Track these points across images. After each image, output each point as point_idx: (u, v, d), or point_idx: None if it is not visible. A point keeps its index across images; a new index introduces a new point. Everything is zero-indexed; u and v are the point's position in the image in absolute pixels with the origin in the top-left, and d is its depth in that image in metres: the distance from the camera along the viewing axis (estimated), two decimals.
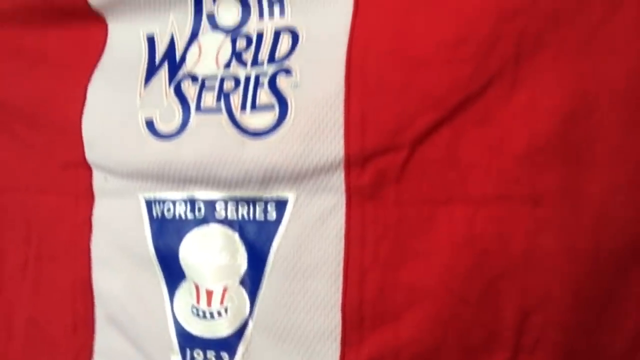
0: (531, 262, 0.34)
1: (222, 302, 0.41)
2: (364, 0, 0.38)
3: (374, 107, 0.37)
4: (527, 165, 0.34)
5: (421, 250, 0.36)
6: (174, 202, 0.44)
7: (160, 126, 0.44)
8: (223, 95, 0.42)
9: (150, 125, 0.44)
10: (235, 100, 0.41)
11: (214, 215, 0.42)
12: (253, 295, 0.41)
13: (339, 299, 0.38)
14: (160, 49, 0.45)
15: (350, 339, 0.38)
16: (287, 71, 0.40)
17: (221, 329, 0.41)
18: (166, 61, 0.45)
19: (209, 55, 0.44)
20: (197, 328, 0.42)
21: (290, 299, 0.39)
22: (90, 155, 0.47)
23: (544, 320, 0.34)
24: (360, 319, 0.37)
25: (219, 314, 0.42)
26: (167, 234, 0.44)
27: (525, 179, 0.34)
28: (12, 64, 0.51)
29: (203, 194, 0.43)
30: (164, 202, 0.44)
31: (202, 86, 0.43)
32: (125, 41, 0.47)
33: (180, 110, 0.43)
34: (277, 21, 0.42)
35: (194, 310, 0.42)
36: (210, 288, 0.42)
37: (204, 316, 0.42)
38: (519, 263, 0.34)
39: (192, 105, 0.43)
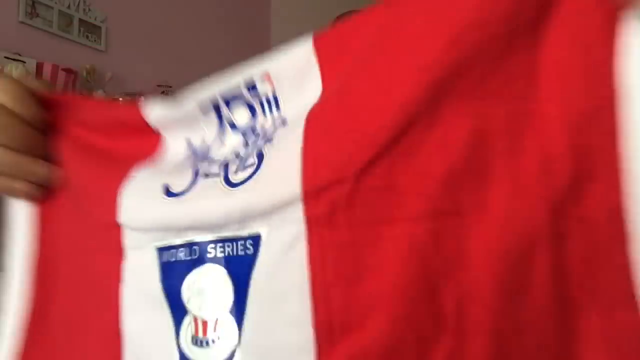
0: (463, 260, 0.40)
1: (215, 331, 0.48)
2: (329, 84, 0.49)
3: (324, 151, 0.45)
4: (447, 185, 0.41)
5: (375, 264, 0.42)
6: (176, 248, 0.52)
7: (172, 188, 0.53)
8: (224, 164, 0.52)
9: (165, 188, 0.53)
10: (233, 167, 0.52)
11: (206, 256, 0.50)
12: (239, 322, 0.47)
13: (310, 316, 0.44)
14: (195, 145, 0.57)
15: (324, 349, 0.43)
16: (270, 140, 0.51)
17: (216, 355, 0.47)
18: (196, 152, 0.56)
19: (227, 145, 0.55)
20: (197, 355, 0.48)
21: (269, 322, 0.45)
22: (121, 217, 0.56)
23: (476, 304, 0.39)
24: (330, 330, 0.43)
25: (213, 341, 0.48)
26: (172, 276, 0.52)
27: (447, 197, 0.40)
28: (81, 155, 0.61)
29: (198, 238, 0.51)
30: (169, 248, 0.52)
31: (212, 161, 0.54)
32: (174, 147, 0.58)
33: (192, 177, 0.53)
34: (275, 114, 0.53)
35: (194, 340, 0.49)
36: (205, 319, 0.49)
37: (201, 344, 0.48)
38: (454, 263, 0.40)
39: (201, 174, 0.53)
